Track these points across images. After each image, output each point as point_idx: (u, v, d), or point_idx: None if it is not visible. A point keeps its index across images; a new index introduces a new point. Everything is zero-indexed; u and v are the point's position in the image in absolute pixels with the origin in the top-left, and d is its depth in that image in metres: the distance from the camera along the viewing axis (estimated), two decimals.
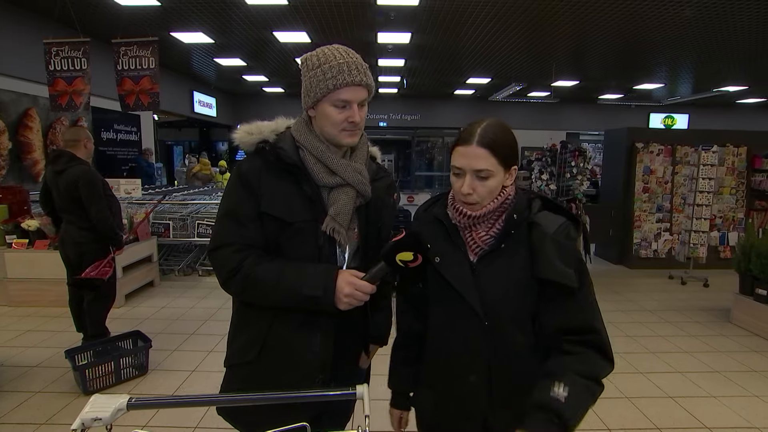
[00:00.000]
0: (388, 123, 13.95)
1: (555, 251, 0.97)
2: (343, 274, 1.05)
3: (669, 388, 2.84)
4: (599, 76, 9.71)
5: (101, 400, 0.87)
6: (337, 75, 1.06)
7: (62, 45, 4.84)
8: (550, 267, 0.96)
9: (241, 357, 1.15)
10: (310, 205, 1.10)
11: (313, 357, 1.11)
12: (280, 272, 1.06)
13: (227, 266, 1.08)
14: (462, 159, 1.00)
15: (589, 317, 0.99)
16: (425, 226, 1.10)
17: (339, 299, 1.04)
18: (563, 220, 1.02)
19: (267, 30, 6.62)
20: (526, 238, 1.01)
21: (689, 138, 5.95)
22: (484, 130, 0.99)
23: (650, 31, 6.34)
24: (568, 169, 5.05)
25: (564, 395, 0.90)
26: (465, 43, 7.26)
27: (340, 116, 1.08)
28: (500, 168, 1.00)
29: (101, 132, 6.98)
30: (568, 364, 0.95)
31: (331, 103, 1.08)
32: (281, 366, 1.12)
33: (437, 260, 1.05)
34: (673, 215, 5.96)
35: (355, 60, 1.09)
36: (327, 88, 1.06)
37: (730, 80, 9.71)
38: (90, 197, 2.84)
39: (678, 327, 3.91)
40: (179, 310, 4.15)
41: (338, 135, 1.11)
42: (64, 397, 2.60)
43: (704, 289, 5.10)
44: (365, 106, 1.13)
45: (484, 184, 0.99)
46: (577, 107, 13.44)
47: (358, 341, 1.26)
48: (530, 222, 1.02)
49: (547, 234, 0.98)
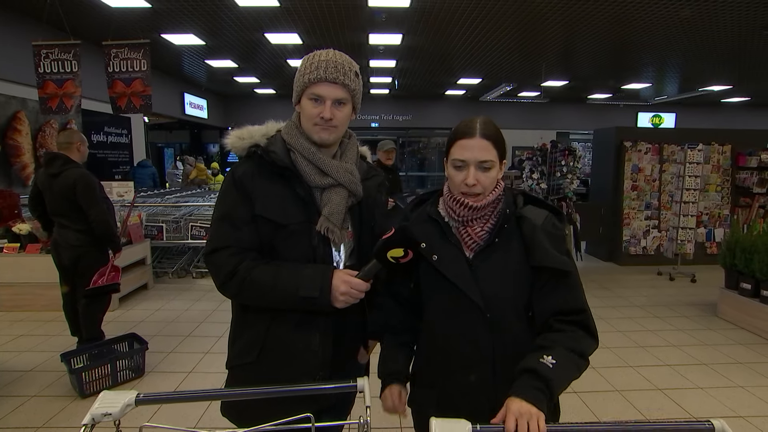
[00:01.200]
0: (379, 123, 14.00)
1: (547, 240, 1.03)
2: (338, 273, 1.08)
3: (658, 380, 2.91)
4: (588, 75, 9.85)
5: (110, 396, 0.90)
6: (313, 71, 1.11)
7: (52, 47, 4.80)
8: (547, 255, 1.02)
9: (242, 358, 1.17)
10: (303, 206, 1.13)
11: (312, 356, 1.14)
12: (276, 274, 1.08)
13: (224, 270, 1.10)
14: (466, 151, 1.04)
15: (579, 299, 1.05)
16: (418, 225, 1.11)
17: (335, 298, 1.07)
18: (547, 213, 1.09)
19: (258, 31, 6.62)
20: (516, 231, 1.07)
21: (676, 137, 6.07)
22: (484, 123, 1.06)
23: (638, 32, 6.46)
24: (559, 168, 5.13)
25: (552, 362, 0.95)
26: (456, 44, 7.33)
27: (314, 110, 1.12)
28: (498, 160, 1.07)
29: (92, 135, 6.92)
30: (557, 339, 1.01)
31: (308, 97, 1.13)
32: (281, 366, 1.14)
33: (435, 258, 1.07)
34: (661, 212, 6.07)
35: (337, 60, 1.12)
36: (304, 82, 1.12)
37: (714, 80, 9.90)
38: (89, 200, 2.83)
39: (666, 321, 4.00)
40: (174, 313, 4.14)
41: (311, 129, 1.14)
42: (60, 400, 2.60)
43: (692, 284, 5.20)
44: (345, 107, 1.15)
45: (487, 175, 1.05)
46: (566, 107, 13.59)
47: (357, 338, 1.29)
48: (518, 216, 1.08)
49: (537, 225, 1.05)
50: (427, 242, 1.08)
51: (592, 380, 2.89)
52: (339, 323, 1.17)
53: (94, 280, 2.83)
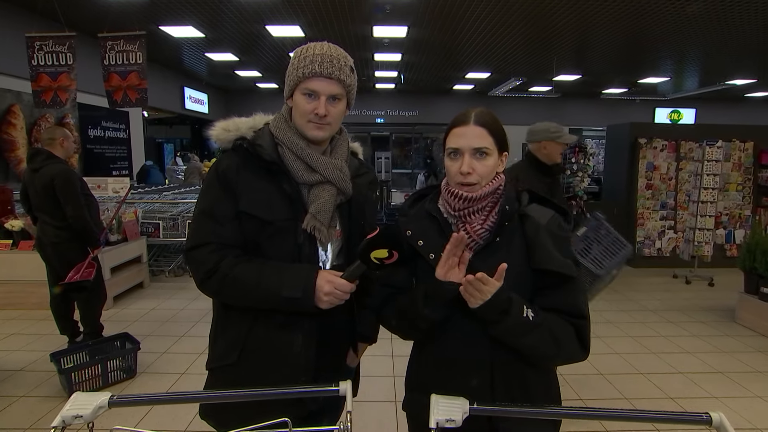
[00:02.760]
0: (385, 119, 13.98)
1: (551, 242, 1.01)
2: (323, 273, 1.07)
3: (671, 389, 2.86)
4: (602, 69, 9.74)
5: (82, 397, 0.89)
6: (308, 65, 1.10)
7: (46, 39, 4.82)
8: (550, 258, 1.00)
9: (222, 359, 1.16)
10: (289, 203, 1.12)
11: (294, 359, 1.13)
12: (258, 273, 1.08)
13: (204, 267, 1.09)
14: (460, 139, 1.04)
15: (580, 304, 1.04)
16: (416, 222, 1.10)
17: (319, 299, 1.06)
18: (552, 212, 1.07)
19: (260, 24, 6.62)
20: (518, 230, 1.05)
21: (694, 133, 5.98)
22: (479, 111, 1.06)
23: (655, 23, 6.37)
24: (569, 165, 5.07)
25: (531, 315, 0.98)
26: (463, 37, 7.28)
27: (308, 106, 1.11)
28: (495, 149, 1.05)
29: (88, 129, 6.97)
30: (548, 316, 1.01)
31: (301, 92, 1.12)
32: (263, 368, 1.13)
33: (432, 257, 1.04)
34: (677, 213, 5.99)
35: (333, 54, 1.12)
36: (297, 77, 1.11)
37: (738, 73, 9.74)
38: (67, 196, 2.88)
39: (681, 327, 3.94)
40: (169, 312, 4.16)
41: (305, 126, 1.13)
42: (49, 401, 2.61)
43: (709, 288, 5.13)
44: (339, 103, 1.14)
45: (483, 163, 1.03)
46: (579, 102, 13.49)
47: (344, 341, 1.27)
48: (521, 214, 1.05)
49: (541, 225, 1.02)
50: (425, 240, 1.06)
51: (599, 387, 2.85)
52: (324, 325, 1.15)
53: (70, 276, 2.86)
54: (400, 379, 2.70)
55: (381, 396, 2.54)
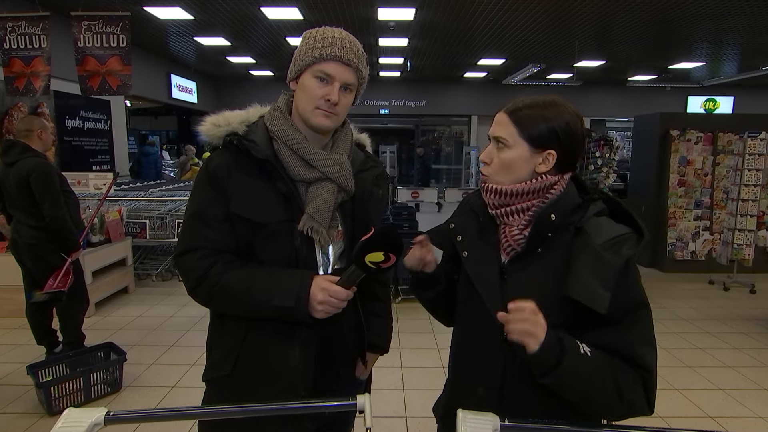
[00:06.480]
0: (390, 110, 13.96)
1: (591, 265, 0.90)
2: (317, 280, 1.07)
3: (709, 407, 2.84)
4: (629, 54, 9.68)
5: (75, 414, 0.88)
6: (327, 46, 1.09)
7: (18, 20, 4.80)
8: (578, 284, 0.90)
9: (217, 371, 1.17)
10: (285, 203, 1.12)
11: (291, 371, 1.12)
12: (249, 280, 1.08)
13: (194, 274, 1.10)
14: (491, 127, 1.04)
15: (632, 348, 0.94)
16: (462, 216, 1.11)
17: (313, 308, 1.05)
18: (622, 232, 0.94)
19: (254, 5, 6.62)
20: (569, 245, 0.96)
21: (733, 124, 5.93)
22: (521, 99, 1.01)
23: (688, 1, 6.32)
24: (593, 160, 5.04)
25: (588, 351, 0.91)
26: (476, 19, 7.25)
27: (319, 91, 1.10)
28: (522, 142, 0.98)
29: (65, 120, 6.95)
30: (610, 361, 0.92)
31: (313, 74, 1.11)
32: (258, 380, 1.14)
33: (465, 255, 1.05)
34: (713, 212, 5.96)
35: (352, 41, 1.13)
36: (313, 57, 1.10)
37: None
38: (44, 192, 2.85)
39: (719, 338, 3.91)
40: (157, 320, 4.16)
41: (311, 113, 1.12)
42: (26, 417, 2.61)
43: (750, 295, 5.09)
44: (350, 94, 1.15)
45: (499, 155, 1.01)
46: (603, 90, 13.44)
47: (349, 352, 1.26)
48: (578, 227, 0.96)
49: (592, 243, 0.91)
50: (464, 236, 1.07)
51: None
52: (325, 335, 1.14)
53: (49, 284, 2.83)
54: (411, 393, 2.72)
55: (390, 411, 2.53)
